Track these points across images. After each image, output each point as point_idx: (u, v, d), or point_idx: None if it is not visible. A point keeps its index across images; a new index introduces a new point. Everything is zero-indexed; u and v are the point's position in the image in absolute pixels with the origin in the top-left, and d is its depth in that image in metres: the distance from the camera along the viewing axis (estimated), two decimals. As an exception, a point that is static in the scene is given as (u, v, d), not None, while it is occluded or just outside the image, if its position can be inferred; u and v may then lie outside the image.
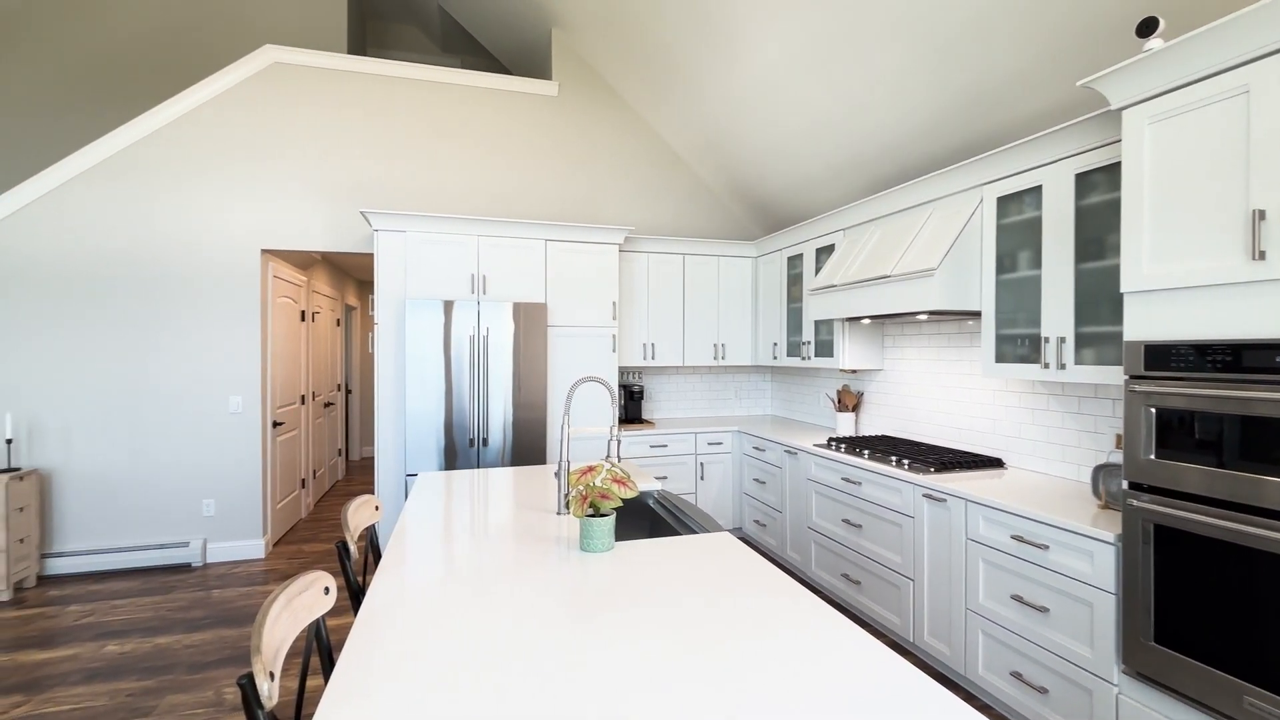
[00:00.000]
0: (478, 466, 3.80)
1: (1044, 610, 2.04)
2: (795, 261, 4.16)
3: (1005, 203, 2.55)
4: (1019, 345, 2.52)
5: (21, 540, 3.40)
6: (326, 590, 1.16)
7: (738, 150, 4.27)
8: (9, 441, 3.49)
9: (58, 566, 3.65)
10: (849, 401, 3.91)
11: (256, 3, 5.04)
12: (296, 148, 4.08)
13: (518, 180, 4.53)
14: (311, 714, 2.27)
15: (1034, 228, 2.43)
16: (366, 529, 1.83)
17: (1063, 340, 2.26)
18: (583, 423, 4.04)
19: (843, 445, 3.29)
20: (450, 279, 3.82)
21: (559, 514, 2.01)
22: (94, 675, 2.53)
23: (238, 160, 3.98)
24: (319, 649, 1.18)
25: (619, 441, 2.02)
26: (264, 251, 4.05)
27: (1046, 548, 2.03)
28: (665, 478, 4.18)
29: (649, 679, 0.99)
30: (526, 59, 5.48)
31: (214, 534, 3.91)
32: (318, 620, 1.16)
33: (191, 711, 2.28)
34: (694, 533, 1.96)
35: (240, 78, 3.98)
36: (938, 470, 2.67)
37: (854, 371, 4.00)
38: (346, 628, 2.94)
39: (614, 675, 1.00)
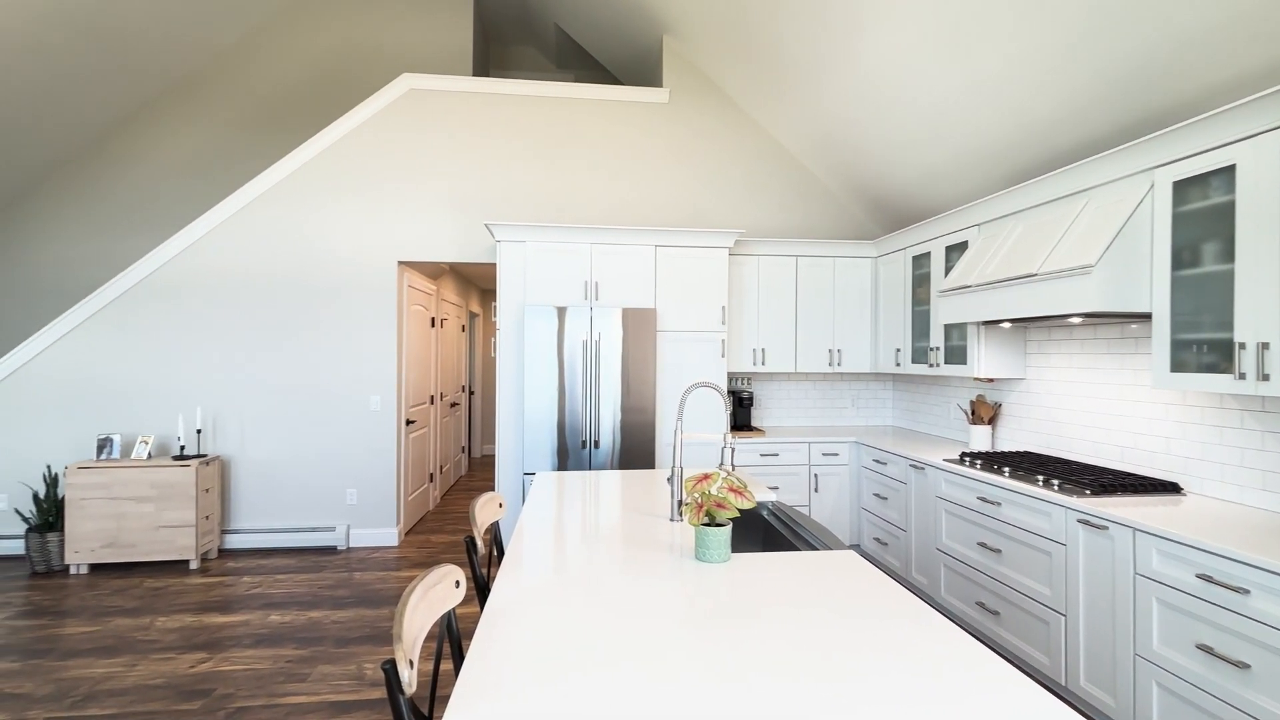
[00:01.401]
0: (589, 468, 3.89)
1: (1243, 667, 1.72)
2: (921, 261, 3.88)
3: (1184, 187, 2.21)
4: (1202, 352, 2.16)
5: (207, 517, 3.94)
6: (457, 584, 1.21)
7: (856, 145, 4.06)
8: (199, 431, 4.05)
9: (233, 542, 4.18)
10: (984, 413, 3.57)
11: (395, 36, 5.52)
12: (429, 166, 4.41)
13: (629, 188, 4.60)
14: (444, 696, 2.41)
15: (1223, 215, 2.08)
16: (491, 525, 1.91)
17: (1265, 346, 1.91)
18: (690, 428, 4.01)
19: (978, 461, 3.00)
20: (565, 286, 3.94)
21: (671, 520, 1.99)
22: (260, 640, 2.86)
23: (379, 180, 4.37)
24: (450, 639, 1.24)
25: (733, 449, 1.97)
26: (400, 263, 4.41)
27: (1247, 592, 1.72)
28: (776, 488, 4.04)
29: (768, 698, 0.94)
30: (637, 69, 5.57)
31: (356, 521, 4.30)
32: (449, 612, 1.21)
33: (338, 682, 2.51)
34: (813, 548, 1.86)
35: (382, 105, 4.38)
36: (1096, 493, 2.36)
37: (990, 380, 3.65)
38: (472, 616, 3.11)
39: (732, 690, 0.96)
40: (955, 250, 3.53)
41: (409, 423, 4.63)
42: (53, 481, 3.84)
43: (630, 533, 1.87)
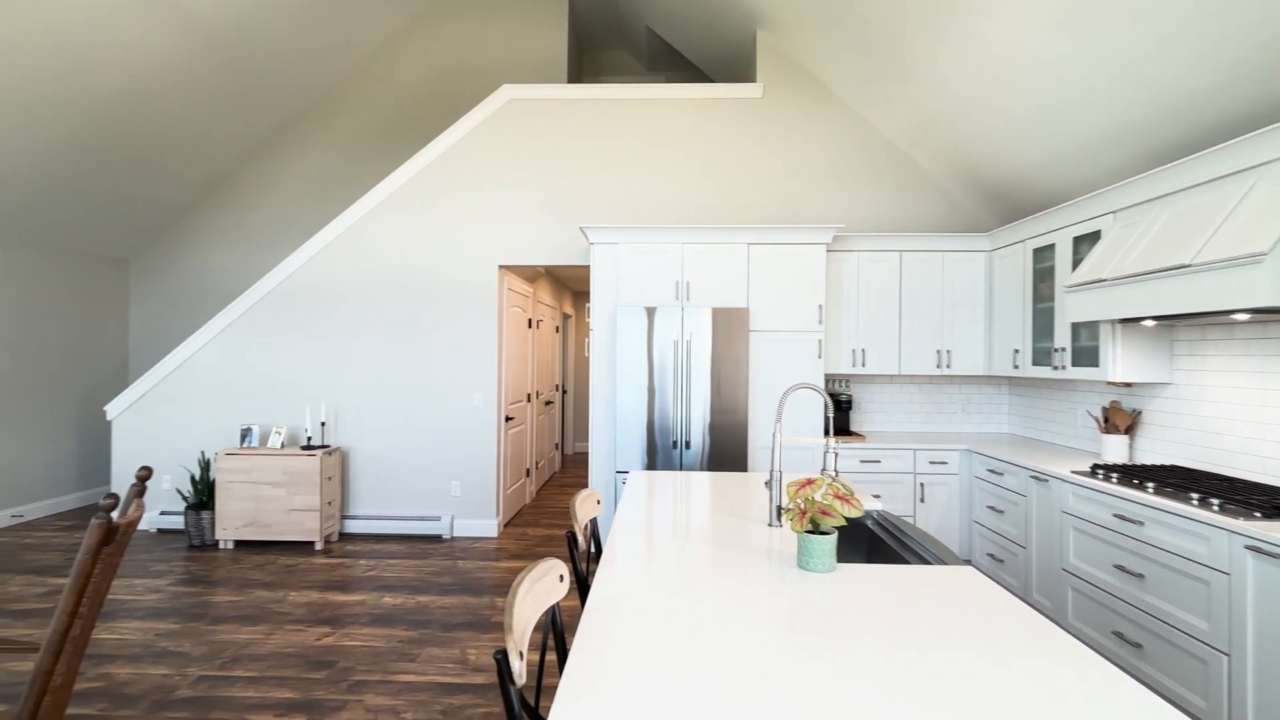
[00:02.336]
0: (680, 468, 3.88)
1: None
2: (1044, 254, 3.55)
3: (1390, 159, 1.87)
4: None
5: (330, 503, 4.30)
6: (561, 578, 1.23)
7: (969, 130, 3.78)
8: (323, 424, 4.43)
9: (352, 526, 4.54)
10: (1120, 421, 3.21)
11: (496, 50, 5.77)
12: (527, 172, 4.57)
13: (721, 186, 4.55)
14: (548, 686, 2.48)
15: None
16: (590, 520, 1.94)
17: None
18: (784, 431, 3.89)
19: (1114, 475, 2.70)
20: (656, 286, 3.96)
21: (770, 525, 1.94)
22: (376, 620, 3.08)
23: (481, 187, 4.58)
24: (554, 632, 1.27)
25: (836, 454, 1.88)
26: (501, 267, 4.61)
27: None
28: (879, 496, 3.84)
29: (895, 728, 0.88)
30: (729, 65, 5.50)
31: (459, 511, 4.54)
32: (554, 605, 1.24)
33: (444, 665, 2.64)
34: (925, 562, 1.74)
35: (484, 116, 4.59)
36: (1268, 515, 2.05)
37: (1127, 385, 3.28)
38: (571, 610, 3.18)
39: (839, 709, 0.90)
40: (1085, 241, 3.20)
41: (508, 419, 4.82)
42: (205, 466, 4.33)
43: (727, 536, 1.83)
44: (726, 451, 3.84)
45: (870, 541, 2.14)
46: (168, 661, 2.66)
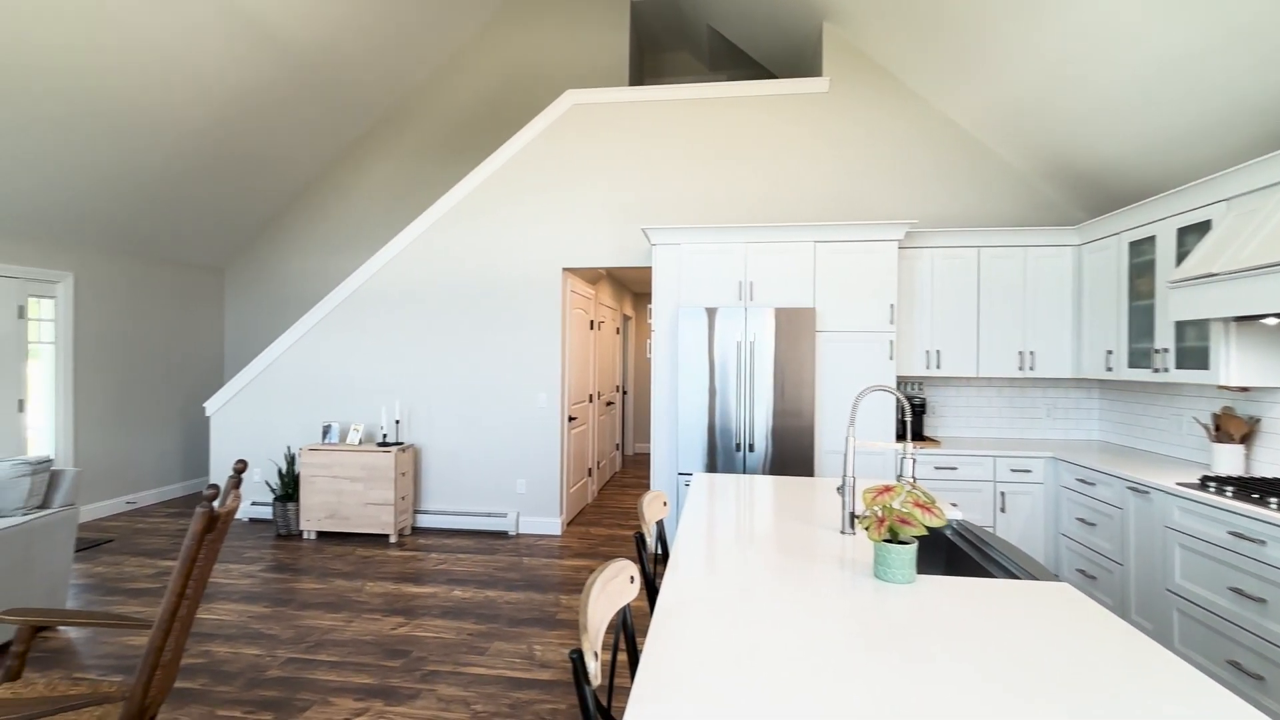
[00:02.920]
0: (742, 472, 3.82)
1: None
2: (1142, 247, 3.28)
3: None
4: None
5: (403, 498, 4.48)
6: (632, 579, 1.23)
7: (1055, 116, 3.55)
8: (397, 422, 4.63)
9: (424, 521, 4.71)
10: (1234, 430, 2.92)
11: (560, 55, 5.87)
12: (589, 175, 4.63)
13: (785, 184, 4.46)
14: (619, 687, 2.49)
15: None
16: (657, 522, 1.93)
17: None
18: (844, 434, 3.76)
19: (1229, 488, 2.46)
20: (719, 287, 3.91)
21: (843, 533, 1.87)
22: (446, 612, 3.18)
23: (545, 192, 4.67)
24: (625, 633, 1.26)
25: (914, 460, 1.80)
26: (564, 270, 4.68)
27: None
28: (955, 505, 3.66)
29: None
30: (794, 61, 5.38)
31: (524, 509, 4.64)
32: (625, 606, 1.23)
33: (511, 659, 2.70)
34: (1012, 576, 1.64)
35: (548, 122, 4.67)
36: None
37: (1243, 390, 2.98)
38: (639, 610, 3.19)
39: (943, 737, 0.86)
40: (1191, 232, 2.93)
41: (571, 419, 4.89)
42: (290, 460, 4.61)
43: (796, 542, 1.78)
44: (791, 455, 3.76)
45: (950, 552, 2.04)
46: (260, 643, 2.83)
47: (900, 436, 3.98)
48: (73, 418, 4.73)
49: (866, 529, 1.48)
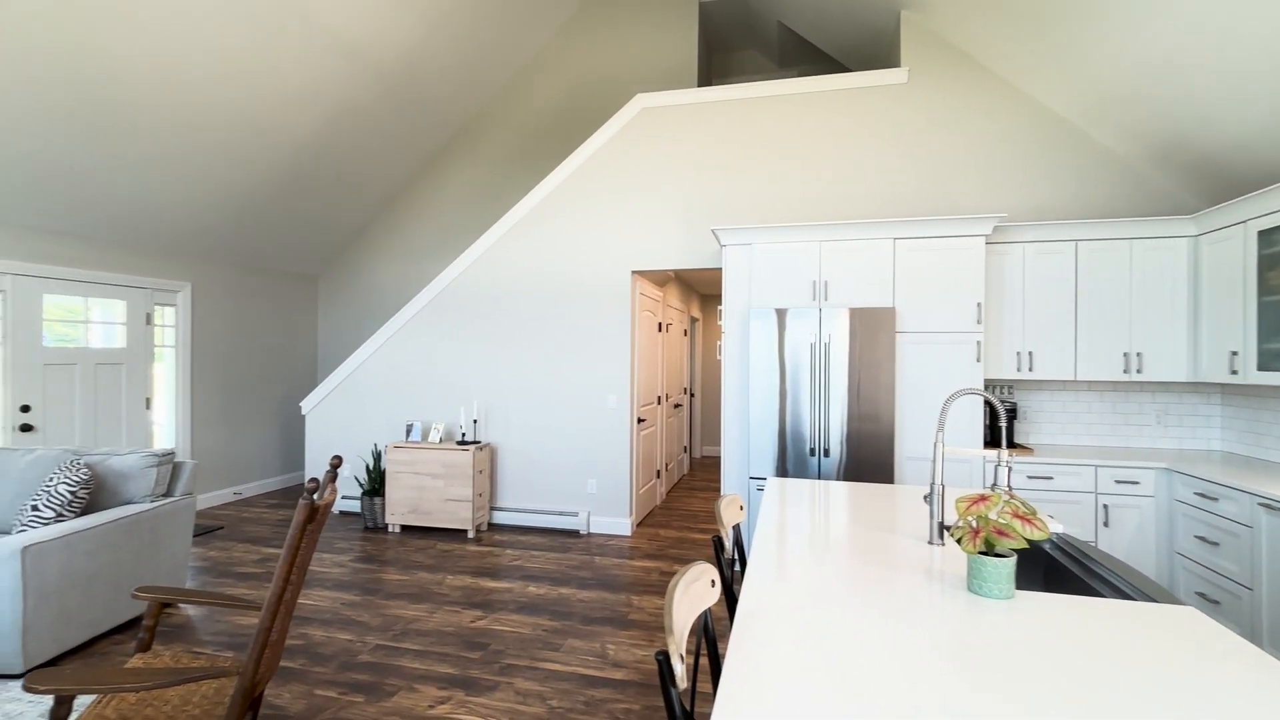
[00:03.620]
0: (816, 477, 3.72)
1: None
2: (1274, 236, 2.96)
3: None
4: None
5: (480, 495, 4.64)
6: (713, 583, 1.22)
7: (1169, 95, 3.25)
8: (475, 421, 4.80)
9: (499, 518, 4.87)
10: (1390, 440, 2.58)
11: (628, 59, 5.93)
12: (659, 178, 4.64)
13: (860, 180, 4.31)
14: (701, 693, 2.48)
15: None
16: (734, 526, 1.91)
17: None
18: (929, 441, 3.58)
19: (1386, 506, 2.17)
20: (792, 287, 3.83)
21: (930, 544, 1.78)
22: (522, 608, 3.27)
23: (615, 196, 4.73)
24: (705, 638, 1.25)
25: (1009, 468, 1.69)
26: (633, 272, 4.71)
27: None
28: (1052, 517, 3.41)
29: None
30: (869, 53, 5.20)
31: (595, 509, 4.70)
32: (706, 610, 1.23)
33: (585, 657, 2.74)
34: (1126, 596, 1.51)
35: (618, 127, 4.73)
36: None
37: (1401, 395, 2.62)
38: (717, 615, 3.17)
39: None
40: (1337, 218, 2.61)
41: (639, 421, 4.92)
42: (377, 457, 4.87)
43: (879, 551, 1.71)
44: (868, 461, 3.62)
45: (1049, 568, 1.90)
46: (351, 629, 3.01)
47: (990, 443, 3.76)
48: (189, 414, 5.19)
49: (959, 540, 1.40)
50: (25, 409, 4.07)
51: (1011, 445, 3.78)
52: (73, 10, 3.22)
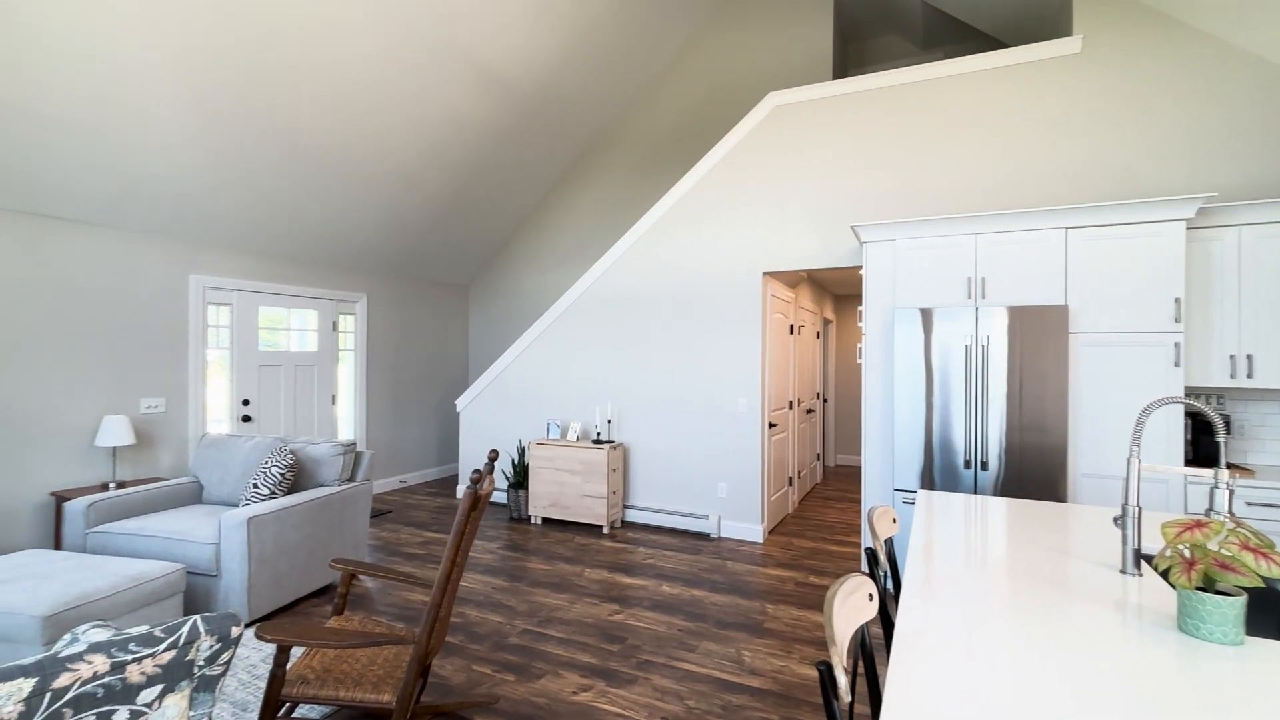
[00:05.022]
0: (972, 491, 3.41)
1: None
2: None
3: None
4: None
5: (614, 492, 4.80)
6: (870, 597, 1.16)
7: None
8: (609, 422, 4.98)
9: (632, 515, 5.00)
10: None
11: (760, 59, 5.85)
12: (792, 176, 4.53)
13: (1022, 165, 3.89)
14: (858, 713, 2.40)
15: None
16: (886, 540, 1.81)
17: None
18: (1112, 456, 3.14)
19: None
20: (942, 285, 3.56)
21: (1123, 573, 1.57)
22: (656, 605, 3.33)
23: (747, 197, 4.68)
24: (862, 654, 1.20)
25: (1231, 491, 1.44)
26: (765, 274, 4.63)
27: None
28: None
29: None
30: (1031, 24, 4.69)
31: (725, 513, 4.67)
32: (863, 625, 1.18)
33: (720, 661, 2.73)
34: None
35: (750, 126, 4.68)
36: None
37: None
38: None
39: None
40: None
41: (771, 426, 4.81)
42: (521, 452, 5.21)
43: (1056, 577, 1.53)
44: (1032, 476, 3.26)
45: (1285, 613, 1.59)
46: (501, 612, 3.25)
47: (1192, 461, 3.23)
48: (365, 410, 5.90)
49: (1165, 571, 1.22)
50: (246, 403, 4.87)
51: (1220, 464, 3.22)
52: (273, 78, 3.80)
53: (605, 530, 4.72)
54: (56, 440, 3.83)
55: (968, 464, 3.40)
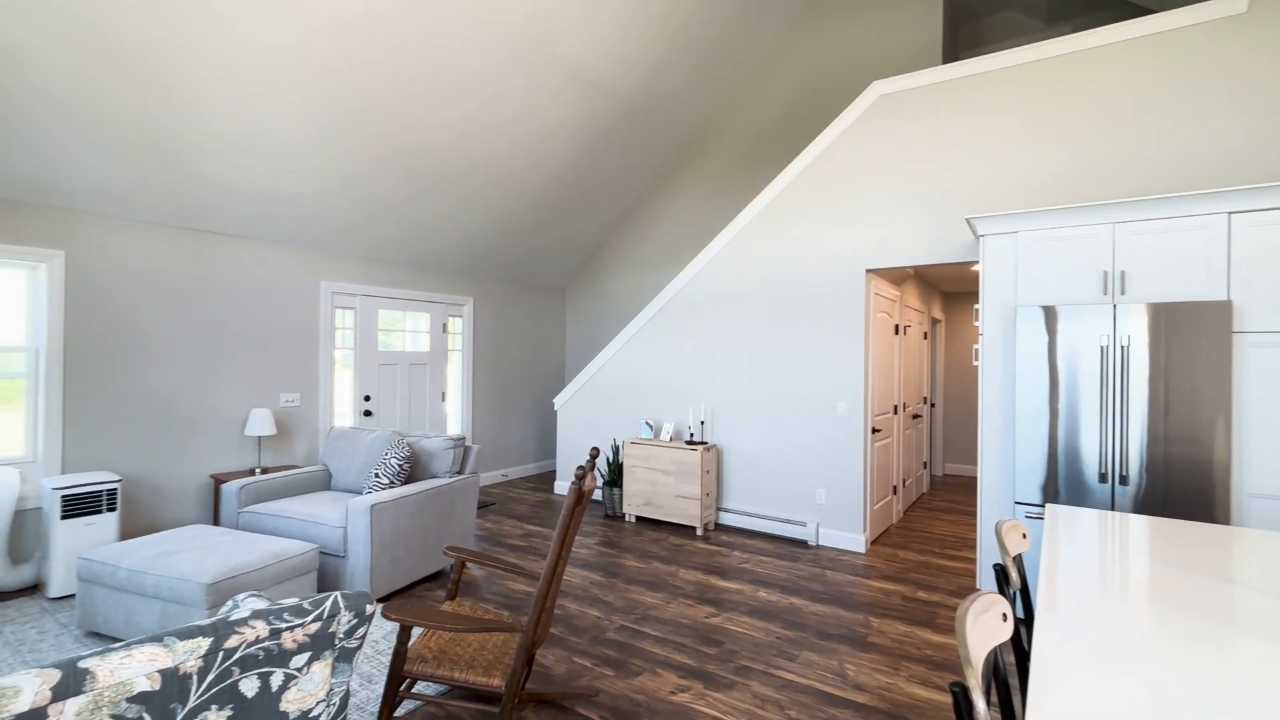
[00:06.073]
0: (1109, 508, 3.08)
1: None
2: None
3: None
4: None
5: (708, 494, 4.77)
6: (1005, 617, 1.07)
7: None
8: (702, 423, 4.95)
9: (725, 518, 4.95)
10: None
11: (862, 47, 5.61)
12: (898, 169, 4.30)
13: (1166, 145, 3.47)
14: (927, 725, 2.26)
15: None
16: (1016, 556, 1.68)
17: None
18: (1273, 471, 2.72)
19: None
20: (1073, 280, 3.24)
21: (1315, 609, 1.35)
22: (753, 611, 3.27)
23: (848, 192, 4.49)
24: (995, 679, 1.11)
25: None
26: (867, 271, 4.43)
27: None
28: None
29: None
30: (1183, -17, 4.17)
31: (824, 520, 4.51)
32: (997, 647, 1.09)
33: (822, 672, 2.64)
34: None
35: (853, 118, 4.49)
36: None
37: None
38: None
39: None
40: None
41: (874, 431, 4.59)
42: (616, 451, 5.30)
43: (1223, 610, 1.35)
44: (1181, 493, 2.89)
45: None
46: (599, 607, 3.31)
47: (1394, 483, 2.73)
48: (471, 406, 6.24)
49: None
50: (367, 398, 5.28)
51: None
52: (395, 99, 4.09)
53: (699, 531, 4.70)
54: (215, 429, 4.35)
55: (1103, 477, 3.07)
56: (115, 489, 3.52)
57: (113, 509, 3.51)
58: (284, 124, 3.88)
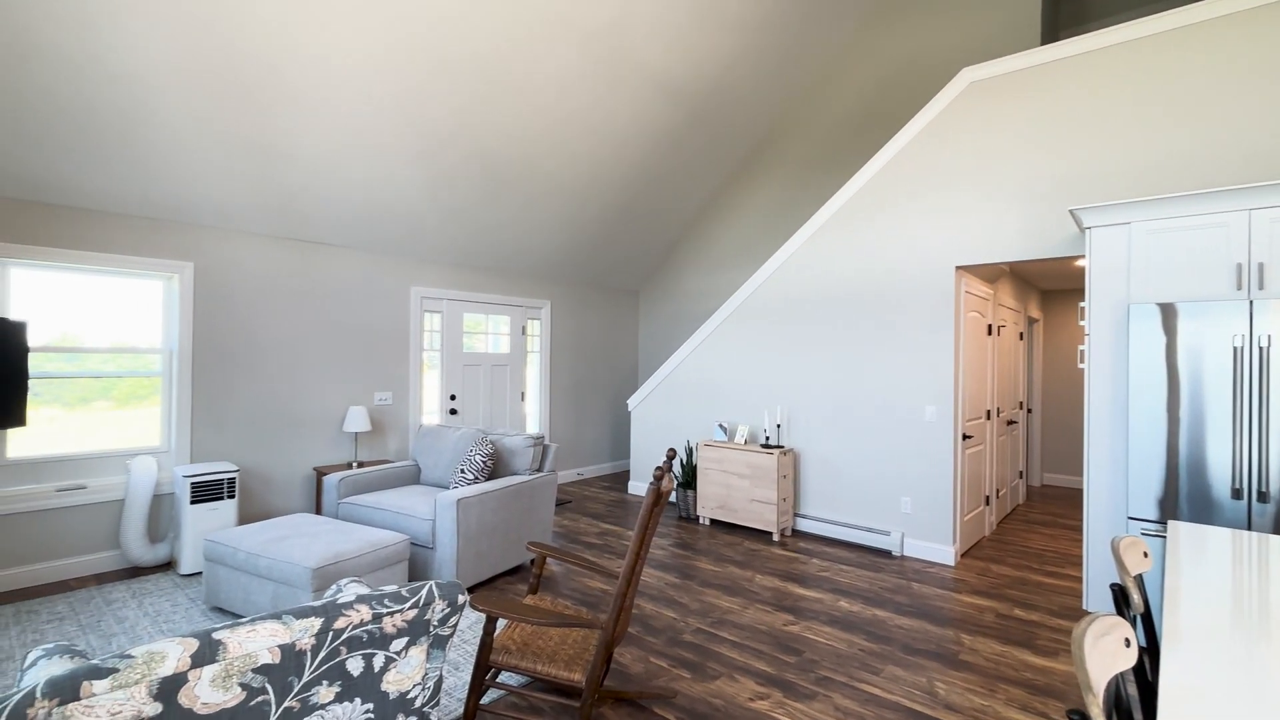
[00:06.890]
0: (1245, 527, 2.77)
1: None
2: None
3: None
4: None
5: (784, 499, 4.67)
6: (1128, 643, 0.99)
7: None
8: (779, 426, 4.85)
9: (802, 525, 4.82)
10: None
11: (953, 32, 5.32)
12: (990, 160, 4.04)
13: (1323, 118, 3.07)
14: (1029, 754, 2.11)
15: None
16: (1136, 577, 1.54)
17: None
18: None
19: None
20: (1197, 275, 2.94)
21: None
22: (834, 621, 3.17)
23: (936, 185, 4.27)
24: (1117, 711, 1.03)
25: None
26: (957, 268, 4.19)
27: None
28: None
29: None
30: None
31: (910, 530, 4.31)
32: (1118, 675, 1.00)
33: (909, 689, 2.52)
34: None
35: (940, 107, 4.27)
36: None
37: None
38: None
39: None
40: None
41: (965, 437, 4.34)
42: (690, 452, 5.29)
43: None
44: (1342, 514, 2.55)
45: None
46: (674, 608, 3.31)
47: None
48: (549, 406, 6.41)
49: None
50: (453, 397, 5.54)
51: None
52: (477, 106, 4.26)
53: (775, 537, 4.61)
54: (317, 425, 4.69)
55: (1237, 493, 2.76)
56: (234, 478, 3.87)
57: (232, 496, 3.86)
58: (376, 134, 4.13)
